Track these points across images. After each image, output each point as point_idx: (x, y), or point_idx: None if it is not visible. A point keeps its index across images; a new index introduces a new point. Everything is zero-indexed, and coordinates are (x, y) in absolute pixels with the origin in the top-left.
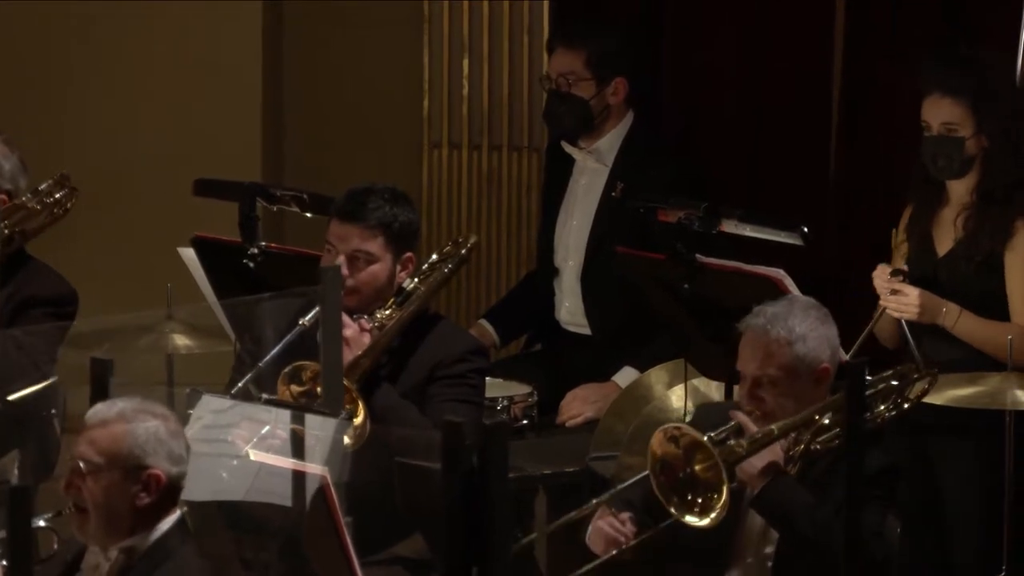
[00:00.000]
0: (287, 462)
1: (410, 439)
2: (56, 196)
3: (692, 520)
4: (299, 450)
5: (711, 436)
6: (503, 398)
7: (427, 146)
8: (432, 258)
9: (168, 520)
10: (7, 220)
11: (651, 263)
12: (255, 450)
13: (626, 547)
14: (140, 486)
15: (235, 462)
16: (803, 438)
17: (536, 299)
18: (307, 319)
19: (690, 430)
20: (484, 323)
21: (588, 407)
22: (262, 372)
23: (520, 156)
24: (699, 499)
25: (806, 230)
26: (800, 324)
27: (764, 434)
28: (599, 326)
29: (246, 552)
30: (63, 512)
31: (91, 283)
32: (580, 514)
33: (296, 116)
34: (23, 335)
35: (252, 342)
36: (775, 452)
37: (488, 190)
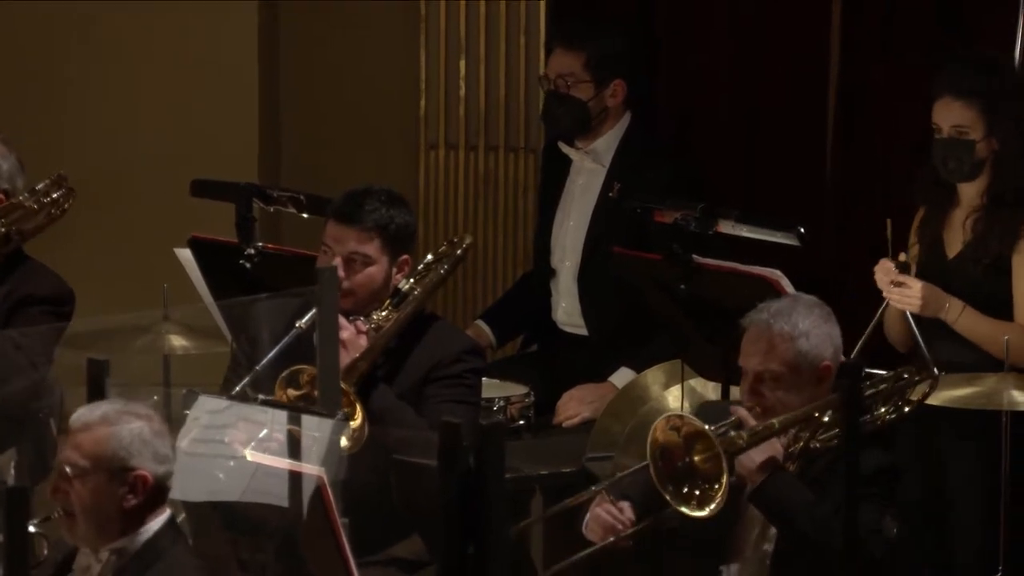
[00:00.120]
0: (283, 463)
1: (407, 439)
2: (53, 196)
3: (687, 510)
4: (295, 451)
5: (712, 428)
6: (499, 399)
7: (424, 147)
8: (427, 258)
9: (158, 520)
10: (4, 219)
11: (648, 264)
12: (251, 451)
13: (624, 535)
14: (127, 488)
15: (231, 463)
16: (802, 435)
17: (532, 300)
18: (303, 322)
19: (692, 419)
20: (480, 324)
21: (584, 408)
22: (259, 376)
23: (517, 157)
24: (696, 490)
25: (803, 231)
26: (803, 320)
27: (765, 427)
28: (596, 327)
29: (243, 553)
30: (52, 517)
31: (88, 283)
32: (576, 500)
33: (293, 117)
34: (20, 335)
35: (248, 343)
36: (775, 448)
37: (484, 191)
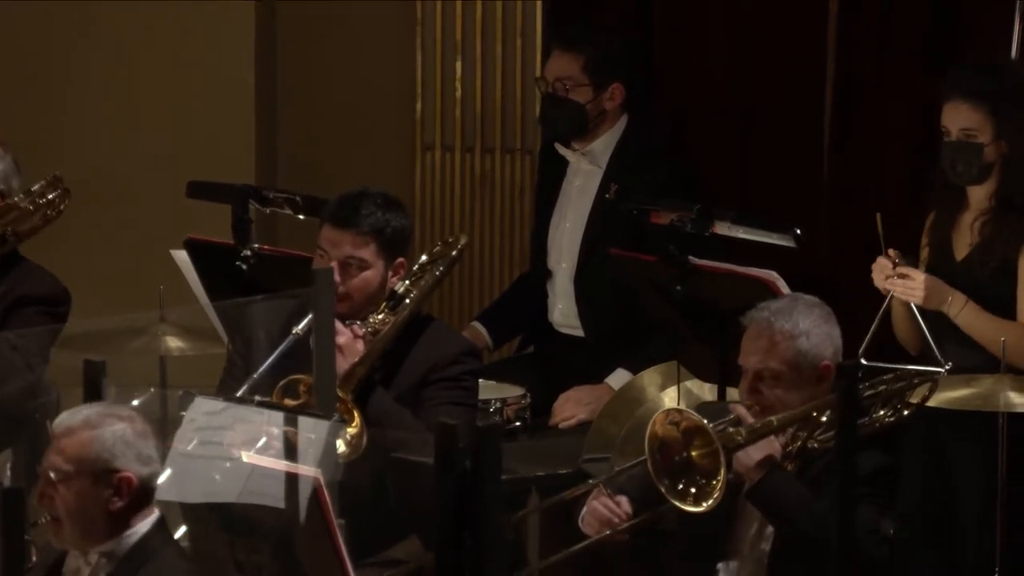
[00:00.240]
0: (280, 464)
1: (405, 440)
2: (49, 197)
3: (682, 505)
4: (292, 452)
5: (710, 424)
6: (496, 400)
7: (420, 148)
8: (422, 259)
9: (147, 522)
10: (0, 221)
11: (644, 265)
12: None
13: (620, 528)
14: (112, 490)
15: (228, 464)
16: (801, 435)
17: (529, 301)
18: (300, 327)
19: (691, 414)
20: (477, 325)
21: (581, 409)
22: (256, 383)
23: (513, 158)
24: (693, 486)
25: (799, 232)
26: (804, 320)
27: (763, 425)
28: (592, 328)
29: (239, 554)
30: (39, 523)
31: (84, 285)
32: (573, 494)
33: (289, 118)
34: (16, 336)
35: (244, 344)
36: (773, 446)
37: (481, 192)
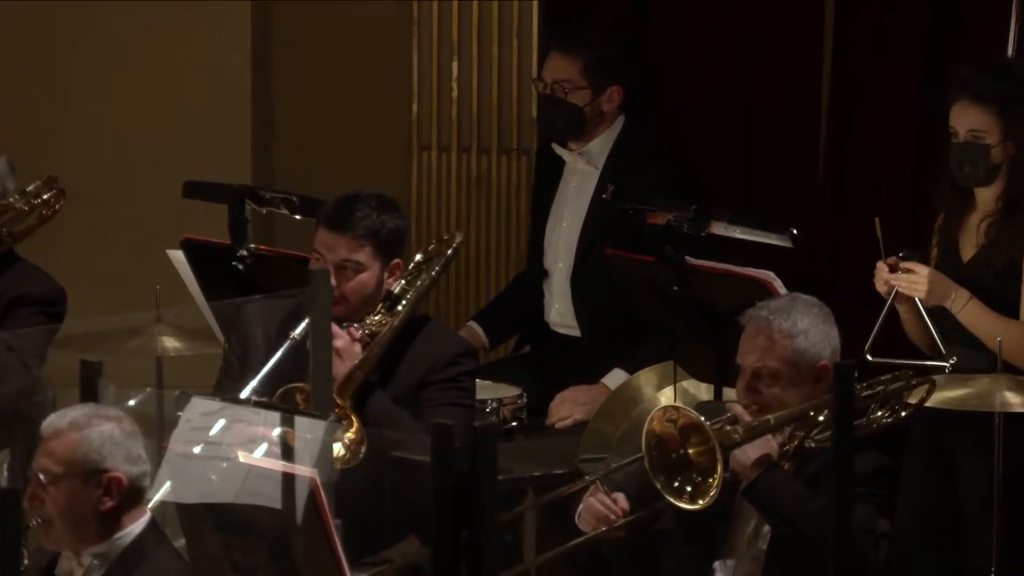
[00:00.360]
0: (277, 464)
1: (402, 441)
2: (44, 197)
3: (678, 502)
4: (288, 453)
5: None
6: (492, 400)
7: (416, 148)
8: (417, 258)
9: (139, 523)
10: None
11: (640, 265)
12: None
13: (616, 525)
14: (102, 490)
15: (224, 464)
16: (798, 434)
17: (525, 301)
18: (297, 332)
19: (689, 411)
20: (473, 325)
21: (577, 409)
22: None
23: (509, 159)
24: (689, 484)
25: (795, 232)
26: (803, 319)
27: (760, 423)
28: (589, 328)
29: (236, 554)
30: (30, 525)
31: (80, 285)
32: (570, 490)
33: (285, 118)
34: (12, 337)
35: (240, 345)
36: (770, 445)
37: (477, 192)
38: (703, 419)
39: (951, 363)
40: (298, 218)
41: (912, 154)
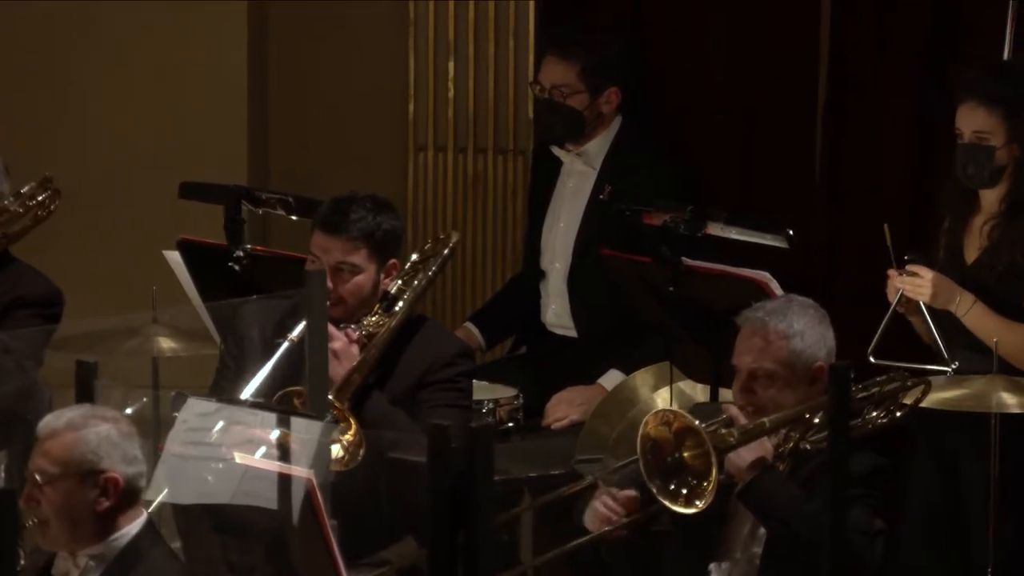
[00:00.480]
0: (273, 465)
1: (400, 441)
2: (39, 198)
3: (673, 506)
4: (285, 454)
5: (702, 425)
6: (489, 401)
7: (413, 149)
8: (413, 257)
9: (136, 523)
10: None
11: (637, 266)
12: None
13: (617, 524)
14: (98, 490)
15: (221, 465)
16: (793, 436)
17: (522, 302)
18: (294, 334)
19: (684, 414)
20: (470, 326)
21: (573, 410)
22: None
23: (506, 159)
24: (684, 487)
25: (791, 232)
26: (799, 320)
27: (755, 426)
28: (586, 329)
29: (232, 555)
30: (26, 526)
31: (77, 286)
32: (569, 491)
33: (282, 119)
34: (9, 338)
35: (237, 345)
36: (765, 447)
37: (474, 193)
38: (698, 422)
39: (953, 368)
40: (294, 219)
41: (912, 155)
